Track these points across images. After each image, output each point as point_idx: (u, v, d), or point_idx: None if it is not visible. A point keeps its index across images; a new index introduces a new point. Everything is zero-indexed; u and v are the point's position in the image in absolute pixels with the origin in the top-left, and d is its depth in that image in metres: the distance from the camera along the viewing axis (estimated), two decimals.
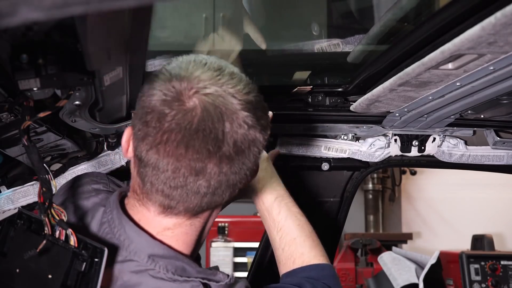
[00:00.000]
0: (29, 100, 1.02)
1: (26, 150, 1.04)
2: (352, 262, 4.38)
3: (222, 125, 1.07)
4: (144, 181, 1.13)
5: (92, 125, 1.35)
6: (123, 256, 1.16)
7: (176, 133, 1.05)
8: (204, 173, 1.08)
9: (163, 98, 1.08)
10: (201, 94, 1.07)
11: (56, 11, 0.52)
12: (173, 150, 1.06)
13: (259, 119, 1.12)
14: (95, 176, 1.41)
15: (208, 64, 1.12)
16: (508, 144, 1.86)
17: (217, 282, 1.18)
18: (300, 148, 1.89)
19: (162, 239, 1.19)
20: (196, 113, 1.06)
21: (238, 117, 1.08)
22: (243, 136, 1.09)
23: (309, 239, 1.47)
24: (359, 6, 2.07)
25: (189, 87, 1.07)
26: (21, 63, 0.89)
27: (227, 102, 1.08)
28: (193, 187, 1.10)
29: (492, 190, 5.50)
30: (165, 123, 1.06)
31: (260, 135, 1.13)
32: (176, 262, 1.16)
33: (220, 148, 1.07)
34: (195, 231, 1.22)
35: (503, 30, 0.88)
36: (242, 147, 1.10)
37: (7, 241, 1.16)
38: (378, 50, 1.49)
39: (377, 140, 1.88)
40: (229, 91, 1.09)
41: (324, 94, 1.65)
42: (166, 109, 1.06)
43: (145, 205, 1.18)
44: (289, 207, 1.49)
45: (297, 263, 1.44)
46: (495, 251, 3.87)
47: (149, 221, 1.19)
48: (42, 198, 1.06)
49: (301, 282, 1.38)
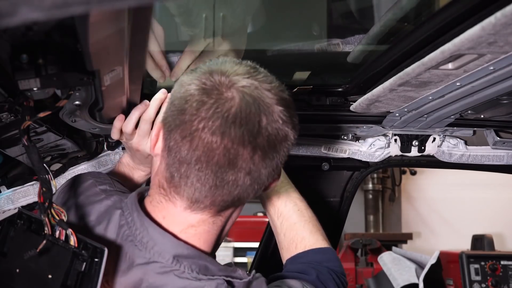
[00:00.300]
0: (29, 100, 1.02)
1: (26, 150, 1.04)
2: (352, 262, 4.38)
3: (258, 117, 1.09)
4: (174, 173, 1.14)
5: (92, 125, 1.35)
6: (146, 258, 1.17)
7: (214, 120, 1.07)
8: (237, 163, 1.09)
9: (203, 87, 1.10)
10: (240, 86, 1.10)
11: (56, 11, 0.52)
12: (209, 137, 1.08)
13: (292, 116, 1.15)
14: (98, 177, 1.41)
15: (244, 63, 1.17)
16: (508, 144, 1.86)
17: (240, 280, 1.18)
18: (300, 148, 1.89)
19: (185, 238, 1.19)
20: (235, 103, 1.09)
21: (273, 111, 1.11)
22: (277, 130, 1.12)
23: (309, 224, 1.49)
24: (359, 6, 2.07)
25: (228, 79, 1.11)
26: (21, 63, 0.89)
27: (263, 96, 1.11)
28: (224, 178, 1.10)
29: (492, 190, 5.51)
30: (202, 110, 1.08)
31: (292, 132, 1.15)
32: (199, 261, 1.17)
33: (255, 139, 1.09)
34: (216, 230, 1.23)
35: (503, 30, 0.88)
36: (275, 141, 1.12)
37: (7, 241, 1.16)
38: (378, 50, 1.49)
39: (377, 140, 1.88)
40: (265, 86, 1.13)
41: (324, 94, 1.65)
42: (205, 97, 1.09)
43: (171, 200, 1.18)
44: (289, 193, 1.52)
45: (299, 247, 1.46)
46: (495, 251, 3.87)
47: (175, 217, 1.19)
48: (42, 198, 1.06)
49: (305, 269, 1.40)
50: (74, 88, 1.05)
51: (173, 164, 1.13)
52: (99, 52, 0.90)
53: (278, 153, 1.14)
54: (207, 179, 1.11)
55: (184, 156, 1.10)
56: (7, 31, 0.83)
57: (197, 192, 1.13)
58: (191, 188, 1.13)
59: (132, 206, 1.22)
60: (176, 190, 1.16)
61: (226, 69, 1.13)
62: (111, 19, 0.83)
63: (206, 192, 1.13)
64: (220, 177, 1.10)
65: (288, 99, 1.16)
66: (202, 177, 1.11)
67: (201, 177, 1.11)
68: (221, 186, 1.12)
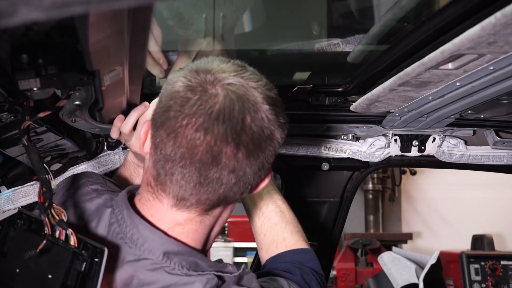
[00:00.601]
0: (29, 100, 1.02)
1: (26, 150, 1.04)
2: (352, 262, 4.38)
3: (243, 114, 1.09)
4: (160, 171, 1.14)
5: (92, 125, 1.35)
6: (136, 255, 1.17)
7: (197, 117, 1.07)
8: (220, 160, 1.09)
9: (188, 84, 1.11)
10: (225, 84, 1.10)
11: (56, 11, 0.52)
12: (192, 134, 1.08)
13: (278, 115, 1.15)
14: (90, 177, 1.41)
15: (232, 62, 1.17)
16: (508, 144, 1.86)
17: (231, 274, 1.19)
18: (300, 148, 1.89)
19: (173, 236, 1.20)
20: (219, 100, 1.08)
21: (259, 110, 1.11)
22: (262, 128, 1.11)
23: (290, 225, 1.50)
24: (359, 6, 2.07)
25: (213, 77, 1.11)
26: (21, 63, 0.89)
27: (249, 94, 1.11)
28: (207, 176, 1.10)
29: (492, 190, 5.51)
30: (186, 107, 1.08)
31: (278, 131, 1.15)
32: (190, 258, 1.18)
33: (239, 136, 1.09)
34: (205, 229, 1.23)
35: (503, 30, 0.88)
36: (260, 140, 1.12)
37: (7, 241, 1.16)
38: (378, 50, 1.49)
39: (377, 140, 1.88)
40: (252, 84, 1.12)
41: (324, 94, 1.65)
42: (189, 94, 1.09)
43: (158, 197, 1.18)
44: (271, 194, 1.52)
45: (280, 247, 1.47)
46: (495, 251, 3.87)
47: (162, 215, 1.19)
48: (42, 198, 1.06)
49: (289, 268, 1.41)
50: (74, 88, 1.05)
51: (159, 161, 1.13)
52: (99, 52, 0.90)
53: (263, 152, 1.14)
54: (191, 176, 1.11)
55: (169, 153, 1.10)
56: (7, 31, 0.83)
57: (182, 189, 1.13)
58: (176, 186, 1.13)
59: (122, 204, 1.22)
60: (163, 187, 1.16)
61: (212, 67, 1.13)
62: (111, 19, 0.83)
63: (191, 190, 1.13)
64: (204, 175, 1.10)
65: (275, 98, 1.15)
66: (186, 174, 1.11)
67: (185, 174, 1.11)
68: (206, 183, 1.12)
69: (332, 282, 4.28)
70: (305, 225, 1.55)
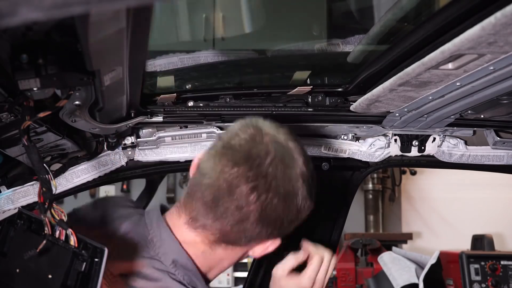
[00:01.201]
0: (29, 100, 1.02)
1: (26, 150, 1.04)
2: (352, 262, 4.37)
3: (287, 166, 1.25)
4: (190, 187, 1.29)
5: (92, 125, 1.35)
6: (150, 254, 1.29)
7: (236, 152, 1.22)
8: (233, 192, 1.21)
9: (244, 129, 1.27)
10: (273, 139, 1.26)
11: (56, 11, 0.52)
12: (225, 163, 1.22)
13: (311, 188, 1.32)
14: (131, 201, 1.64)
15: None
16: (508, 144, 1.86)
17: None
18: None
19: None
20: (261, 144, 1.24)
21: (297, 164, 1.28)
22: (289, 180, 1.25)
23: None
24: (359, 6, 2.07)
25: (264, 133, 1.27)
26: (21, 63, 0.89)
27: (290, 155, 1.28)
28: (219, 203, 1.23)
29: (492, 190, 5.50)
30: (232, 140, 1.24)
31: (308, 200, 1.30)
32: (192, 278, 1.29)
33: (256, 178, 1.20)
34: (203, 261, 1.33)
35: (503, 30, 0.88)
36: (282, 190, 1.23)
37: (7, 241, 1.16)
38: (378, 50, 1.49)
39: (377, 140, 1.88)
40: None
41: (324, 94, 1.65)
42: (241, 133, 1.25)
43: (179, 212, 1.32)
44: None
45: None
46: (495, 251, 3.87)
47: (176, 229, 1.32)
48: (42, 198, 1.06)
49: None
50: (74, 88, 1.05)
51: (194, 178, 1.29)
52: (99, 52, 0.90)
53: (290, 206, 1.27)
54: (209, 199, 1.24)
55: (202, 172, 1.27)
56: (7, 31, 0.83)
57: (195, 210, 1.27)
58: (196, 203, 1.27)
59: (153, 212, 1.36)
60: (186, 204, 1.31)
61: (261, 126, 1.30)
62: (111, 19, 0.83)
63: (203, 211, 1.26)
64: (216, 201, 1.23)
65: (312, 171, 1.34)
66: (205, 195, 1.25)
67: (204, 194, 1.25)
68: (220, 214, 1.24)
69: (332, 282, 4.28)
70: (305, 225, 1.55)
